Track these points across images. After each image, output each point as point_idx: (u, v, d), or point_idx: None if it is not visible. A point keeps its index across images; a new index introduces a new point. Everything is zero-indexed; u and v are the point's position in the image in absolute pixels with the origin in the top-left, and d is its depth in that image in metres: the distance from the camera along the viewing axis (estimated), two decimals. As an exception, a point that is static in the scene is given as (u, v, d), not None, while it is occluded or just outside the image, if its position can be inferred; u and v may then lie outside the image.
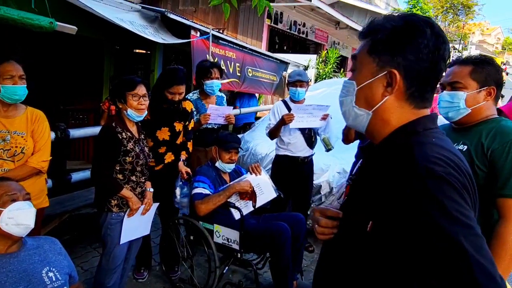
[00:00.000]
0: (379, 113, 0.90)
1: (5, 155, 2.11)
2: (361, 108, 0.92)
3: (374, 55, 0.89)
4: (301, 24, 11.88)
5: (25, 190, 1.62)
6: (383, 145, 0.91)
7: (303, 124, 3.41)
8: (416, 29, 0.85)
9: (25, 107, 2.29)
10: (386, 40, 0.87)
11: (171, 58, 6.86)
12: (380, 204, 0.81)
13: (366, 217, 0.84)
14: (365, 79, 0.91)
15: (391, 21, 0.89)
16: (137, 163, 2.37)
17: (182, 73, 2.84)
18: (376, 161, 0.92)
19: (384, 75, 0.88)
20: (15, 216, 1.49)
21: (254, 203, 2.79)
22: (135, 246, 2.63)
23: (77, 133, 3.54)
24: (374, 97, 0.90)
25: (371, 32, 0.91)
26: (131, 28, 4.06)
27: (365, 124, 0.93)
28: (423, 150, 0.80)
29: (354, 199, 0.96)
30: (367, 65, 0.90)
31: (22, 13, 2.62)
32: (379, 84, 0.89)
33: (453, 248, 0.69)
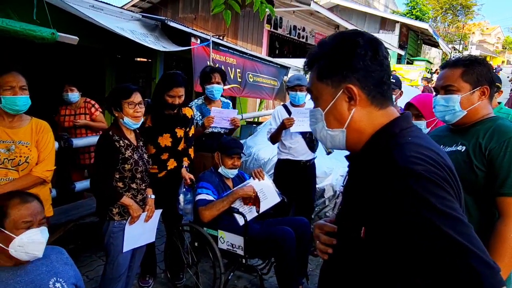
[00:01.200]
0: (352, 126, 0.94)
1: (10, 164, 2.13)
2: (334, 129, 0.96)
3: (326, 79, 0.94)
4: (300, 29, 11.93)
5: (42, 213, 1.58)
6: (363, 152, 0.94)
7: (304, 128, 3.42)
8: (350, 42, 0.91)
9: (30, 118, 2.31)
10: (330, 62, 0.93)
11: (172, 66, 6.90)
12: (369, 210, 0.84)
13: (359, 223, 0.87)
14: (328, 103, 0.95)
15: (325, 45, 0.96)
16: (136, 170, 2.37)
17: (181, 77, 2.88)
18: (359, 167, 0.96)
19: (342, 92, 0.92)
20: (25, 245, 1.46)
21: (258, 208, 2.79)
22: (139, 254, 2.63)
23: (80, 142, 3.57)
24: (343, 114, 0.94)
25: (313, 61, 0.98)
26: (132, 37, 4.09)
27: (343, 142, 0.96)
28: (401, 151, 0.83)
29: (346, 207, 1.00)
30: (324, 90, 0.95)
31: (24, 25, 2.65)
32: (342, 101, 0.93)
33: (445, 241, 0.72)
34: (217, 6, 2.74)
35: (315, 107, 1.00)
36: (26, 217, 1.50)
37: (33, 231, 1.50)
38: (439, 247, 0.72)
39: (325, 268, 1.08)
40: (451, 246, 0.71)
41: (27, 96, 2.19)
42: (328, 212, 3.95)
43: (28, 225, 1.50)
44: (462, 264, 0.70)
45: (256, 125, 7.05)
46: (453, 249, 0.71)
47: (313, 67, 0.98)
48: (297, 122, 3.35)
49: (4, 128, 2.17)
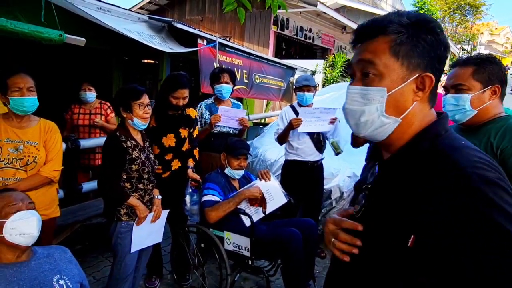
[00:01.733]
0: (406, 118, 0.84)
1: (18, 164, 2.15)
2: (390, 116, 0.84)
3: (402, 58, 0.82)
4: (307, 30, 11.91)
5: (28, 198, 1.63)
6: (405, 151, 0.85)
7: (311, 128, 3.40)
8: (435, 26, 0.82)
9: (38, 118, 2.34)
10: (412, 40, 0.81)
11: (179, 67, 6.92)
12: (424, 217, 0.75)
13: (405, 231, 0.77)
14: (396, 85, 0.82)
15: (406, 18, 0.82)
16: (143, 170, 2.38)
17: (185, 78, 2.88)
18: (399, 168, 0.85)
19: (415, 78, 0.82)
20: (17, 226, 1.50)
21: (264, 209, 2.77)
22: (145, 255, 2.63)
23: (87, 143, 3.58)
24: (405, 103, 0.83)
25: (389, 31, 0.82)
26: (139, 38, 4.10)
27: (388, 133, 0.86)
28: (463, 155, 0.76)
29: (379, 210, 0.87)
30: (395, 68, 0.82)
31: (32, 27, 2.67)
32: (410, 88, 0.83)
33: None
34: (229, 4, 2.73)
35: (368, 84, 0.84)
36: (11, 201, 1.55)
37: (22, 212, 1.55)
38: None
39: (334, 270, 1.01)
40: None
41: (35, 97, 2.21)
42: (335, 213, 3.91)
43: (16, 208, 1.54)
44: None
45: (263, 126, 7.03)
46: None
47: (385, 35, 0.83)
48: (305, 123, 3.33)
49: (13, 129, 2.18)
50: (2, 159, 2.11)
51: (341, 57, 9.59)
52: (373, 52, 0.83)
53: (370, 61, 0.83)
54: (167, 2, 12.07)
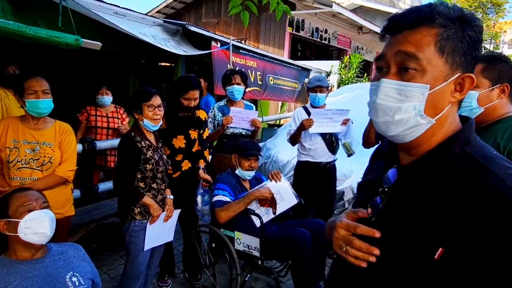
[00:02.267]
0: (440, 120, 0.78)
1: (35, 164, 2.23)
2: (427, 117, 0.77)
3: (447, 54, 0.75)
4: (323, 31, 11.85)
5: (43, 198, 1.69)
6: (433, 155, 0.80)
7: (323, 129, 3.39)
8: (477, 23, 0.76)
9: (53, 120, 2.42)
10: (457, 36, 0.75)
11: (193, 70, 7.01)
12: (455, 230, 0.70)
13: (433, 242, 0.72)
14: (438, 83, 0.76)
15: (452, 11, 0.76)
16: (157, 170, 2.43)
17: (195, 79, 2.94)
18: (425, 173, 0.80)
19: (455, 79, 0.76)
20: (31, 225, 1.56)
21: (274, 210, 2.78)
22: (158, 254, 2.68)
23: (103, 144, 3.67)
24: (442, 104, 0.77)
25: (431, 21, 0.75)
26: (153, 42, 4.19)
27: (419, 134, 0.79)
28: (499, 167, 0.72)
29: (399, 216, 0.81)
30: (438, 64, 0.75)
31: (50, 32, 2.76)
32: (448, 88, 0.77)
33: None
34: (234, 7, 2.76)
35: (408, 80, 0.77)
36: (25, 201, 1.61)
37: (35, 212, 1.60)
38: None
39: (338, 273, 0.95)
40: None
41: (50, 100, 2.29)
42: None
43: (30, 207, 1.60)
44: None
45: (277, 127, 7.04)
46: None
47: (430, 27, 0.75)
48: (316, 123, 3.32)
49: (30, 130, 2.27)
50: (20, 160, 2.20)
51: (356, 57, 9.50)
52: (416, 44, 0.75)
53: (412, 54, 0.75)
54: (184, 6, 12.23)
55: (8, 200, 1.61)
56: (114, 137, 3.96)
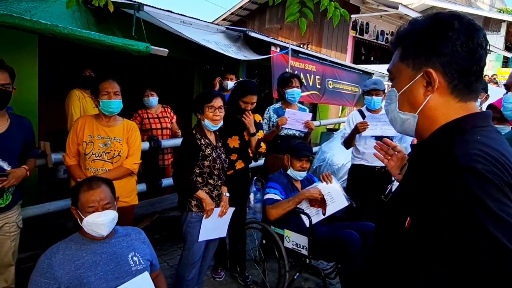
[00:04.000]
0: (425, 112, 0.91)
1: (106, 157, 2.53)
2: (406, 112, 0.94)
3: (407, 60, 0.92)
4: (389, 33, 11.45)
5: (107, 198, 1.82)
6: (426, 142, 0.92)
7: (377, 132, 3.34)
8: (443, 24, 0.86)
9: (122, 119, 2.72)
10: (416, 42, 0.90)
11: (253, 74, 7.22)
12: (418, 201, 0.81)
13: (405, 213, 0.85)
14: (404, 84, 0.93)
15: (417, 24, 0.91)
16: (214, 167, 2.60)
17: (255, 85, 3.10)
18: (419, 158, 0.93)
19: (422, 76, 0.89)
20: (91, 225, 1.75)
21: (324, 211, 2.81)
22: (213, 246, 2.85)
23: (167, 143, 3.97)
24: (417, 98, 0.91)
25: (400, 40, 0.94)
26: (216, 48, 4.42)
27: (413, 128, 0.94)
28: (464, 147, 0.79)
29: (398, 195, 0.98)
30: (403, 70, 0.93)
31: (125, 41, 3.09)
32: (419, 85, 0.90)
33: (492, 245, 0.68)
34: (291, 15, 2.85)
35: (392, 87, 0.99)
36: (90, 203, 1.77)
37: (95, 215, 1.75)
38: (484, 250, 0.68)
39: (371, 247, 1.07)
40: (498, 251, 0.68)
41: (120, 100, 2.58)
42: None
43: (92, 209, 1.76)
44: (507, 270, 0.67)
45: (336, 131, 6.98)
46: (500, 255, 0.67)
47: (398, 46, 0.96)
48: (371, 126, 3.29)
49: (103, 127, 2.58)
50: (94, 153, 2.51)
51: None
52: (392, 62, 0.98)
53: (389, 70, 0.99)
54: (248, 13, 12.60)
55: (79, 193, 1.81)
56: (169, 137, 4.18)
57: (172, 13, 4.33)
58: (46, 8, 3.22)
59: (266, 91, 7.14)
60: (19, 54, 3.61)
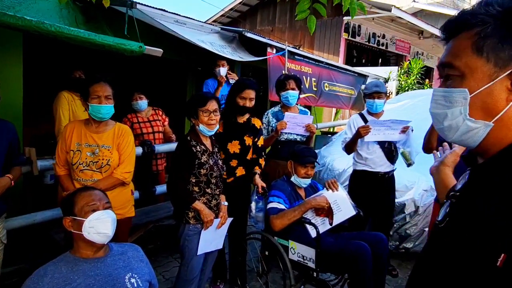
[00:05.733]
0: (502, 121, 0.74)
1: (94, 166, 2.33)
2: (478, 120, 0.75)
3: (487, 53, 0.72)
4: (380, 36, 11.44)
5: (105, 198, 1.74)
6: (501, 157, 0.75)
7: (380, 137, 3.23)
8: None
9: (114, 123, 2.52)
10: (500, 30, 0.71)
11: (248, 76, 7.07)
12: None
13: (496, 248, 0.68)
14: (481, 84, 0.74)
15: (496, 5, 0.72)
16: (211, 175, 2.43)
17: (252, 81, 2.95)
18: (490, 177, 0.76)
19: (508, 75, 0.71)
20: (94, 225, 1.60)
21: (331, 220, 2.67)
22: (211, 258, 2.67)
23: (161, 148, 3.78)
24: (497, 104, 0.73)
25: (471, 24, 0.74)
26: (211, 48, 4.26)
27: (480, 139, 0.77)
28: None
29: (463, 223, 0.78)
30: (480, 66, 0.73)
31: (117, 40, 2.91)
32: (501, 86, 0.72)
33: None
34: (301, 11, 2.68)
35: (451, 86, 0.78)
36: (90, 201, 1.66)
37: (99, 212, 1.65)
38: None
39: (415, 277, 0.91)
40: None
41: (111, 105, 2.39)
42: (409, 229, 3.64)
43: (93, 207, 1.65)
44: None
45: (331, 135, 6.87)
46: None
47: (467, 30, 0.75)
48: (373, 131, 3.17)
49: (91, 133, 2.38)
50: (81, 162, 2.31)
51: (417, 63, 9.02)
52: (454, 53, 0.77)
53: (449, 64, 0.78)
54: (239, 14, 12.46)
55: (74, 198, 1.67)
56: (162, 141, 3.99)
57: (166, 12, 4.15)
58: (31, 4, 3.01)
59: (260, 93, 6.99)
60: (2, 53, 3.39)
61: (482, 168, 0.80)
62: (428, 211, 3.54)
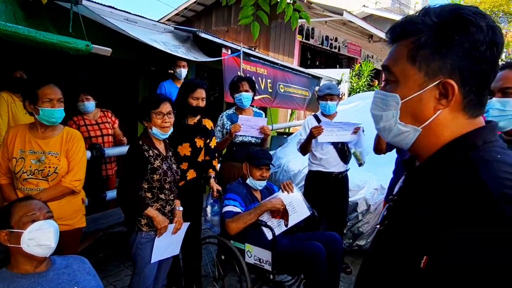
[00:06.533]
0: (429, 128, 0.77)
1: (40, 175, 2.17)
2: (408, 125, 0.78)
3: (419, 62, 0.74)
4: (333, 39, 11.79)
5: (46, 208, 1.62)
6: (431, 162, 0.78)
7: (333, 138, 3.31)
8: (470, 23, 0.70)
9: (62, 127, 2.37)
10: (433, 41, 0.72)
11: (203, 77, 6.98)
12: (439, 237, 0.67)
13: (419, 250, 0.69)
14: (411, 92, 0.76)
15: (433, 16, 0.73)
16: (165, 180, 2.35)
17: (202, 81, 2.93)
18: (423, 181, 0.78)
19: (436, 85, 0.74)
20: (35, 237, 1.48)
21: (287, 222, 2.68)
22: (165, 266, 2.59)
23: (112, 152, 3.61)
24: (424, 112, 0.76)
25: (408, 33, 0.76)
26: (164, 48, 4.15)
27: (410, 141, 0.80)
28: (492, 171, 0.67)
29: (398, 225, 0.81)
30: (412, 74, 0.76)
31: (61, 37, 2.73)
32: (430, 96, 0.75)
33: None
34: (245, 17, 2.69)
35: (390, 90, 0.81)
36: (29, 211, 1.53)
37: (39, 222, 1.53)
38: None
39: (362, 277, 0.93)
40: None
41: (62, 109, 2.24)
42: (361, 227, 3.77)
43: (33, 217, 1.53)
44: None
45: (286, 136, 6.95)
46: None
47: (405, 38, 0.77)
48: (326, 132, 3.24)
49: (36, 139, 2.21)
50: (25, 171, 2.14)
51: (367, 65, 9.40)
52: (393, 58, 0.80)
53: (388, 68, 0.81)
54: (194, 14, 12.28)
55: (11, 209, 1.54)
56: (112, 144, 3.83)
57: (115, 10, 3.99)
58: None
59: (216, 94, 6.93)
60: None
61: (416, 172, 0.82)
62: (379, 209, 3.68)
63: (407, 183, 0.87)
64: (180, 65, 4.32)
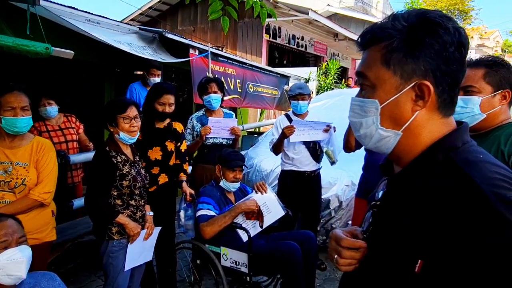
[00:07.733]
0: (410, 130, 0.78)
1: (6, 186, 2.04)
2: (388, 129, 0.79)
3: (394, 66, 0.76)
4: (299, 38, 11.93)
5: (20, 231, 1.50)
6: (415, 166, 0.79)
7: (305, 137, 3.34)
8: (438, 25, 0.73)
9: (32, 136, 2.25)
10: (405, 45, 0.74)
11: (171, 78, 6.85)
12: (433, 240, 0.67)
13: (413, 255, 0.70)
14: (389, 96, 0.77)
15: (402, 20, 0.75)
16: (134, 186, 2.29)
17: (171, 85, 2.86)
18: (409, 186, 0.79)
19: (412, 87, 0.75)
20: (5, 267, 1.38)
21: (261, 222, 2.68)
22: (138, 273, 2.52)
23: (77, 158, 3.47)
24: (403, 114, 0.77)
25: (380, 38, 0.77)
26: (129, 50, 4.03)
27: (391, 146, 0.81)
28: (479, 171, 0.69)
29: (385, 231, 0.81)
30: (388, 78, 0.77)
31: (18, 40, 2.59)
32: (407, 98, 0.76)
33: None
34: (214, 12, 2.67)
35: (365, 96, 0.81)
36: (1, 237, 1.43)
37: (10, 251, 1.42)
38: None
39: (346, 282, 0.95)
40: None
41: (29, 117, 2.12)
42: (334, 223, 3.83)
43: (4, 245, 1.43)
44: None
45: (257, 135, 6.97)
46: None
47: (377, 43, 0.78)
48: (298, 131, 3.26)
49: (3, 149, 2.09)
50: None
51: (334, 64, 9.59)
52: (366, 64, 0.80)
53: (362, 74, 0.81)
54: (159, 13, 12.04)
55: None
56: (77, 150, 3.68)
57: (76, 10, 3.83)
58: None
59: (185, 96, 6.82)
60: None
61: (398, 178, 0.83)
62: (350, 205, 3.76)
63: (390, 189, 0.86)
64: (154, 74, 4.12)
